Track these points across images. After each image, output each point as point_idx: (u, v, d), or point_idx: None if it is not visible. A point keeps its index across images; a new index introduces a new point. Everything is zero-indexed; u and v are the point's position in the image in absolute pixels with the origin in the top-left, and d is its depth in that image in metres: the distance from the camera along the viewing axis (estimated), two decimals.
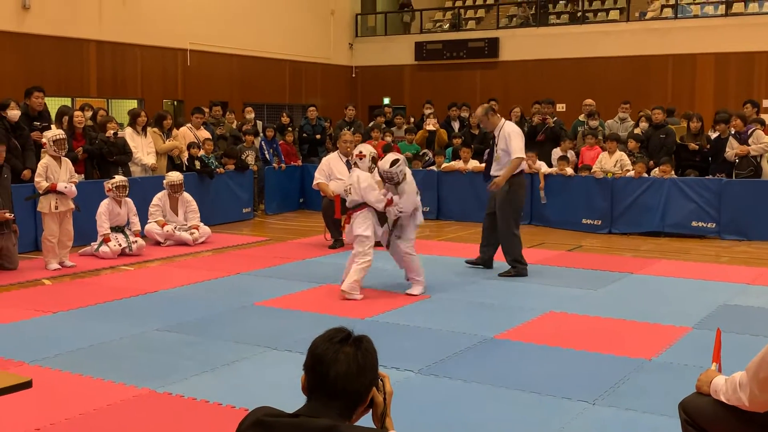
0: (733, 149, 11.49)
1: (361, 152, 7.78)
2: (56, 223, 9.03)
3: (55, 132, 9.28)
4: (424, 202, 9.58)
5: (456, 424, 4.47)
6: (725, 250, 10.53)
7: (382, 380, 2.46)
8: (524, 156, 8.67)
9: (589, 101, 14.11)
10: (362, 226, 7.55)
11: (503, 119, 8.82)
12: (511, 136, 8.51)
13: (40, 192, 8.98)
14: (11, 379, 3.07)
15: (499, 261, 8.89)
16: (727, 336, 4.07)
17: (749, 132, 11.43)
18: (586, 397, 4.87)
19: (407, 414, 4.32)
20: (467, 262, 9.12)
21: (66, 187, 9.01)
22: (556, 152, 12.81)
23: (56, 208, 9.01)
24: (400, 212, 7.63)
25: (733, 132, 11.61)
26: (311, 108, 15.54)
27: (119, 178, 10.03)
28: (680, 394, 3.26)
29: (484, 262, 9.02)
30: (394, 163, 7.47)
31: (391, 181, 7.54)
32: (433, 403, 4.82)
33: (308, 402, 2.33)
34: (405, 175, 7.59)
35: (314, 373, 2.33)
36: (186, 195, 10.98)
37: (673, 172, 11.82)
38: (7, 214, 8.62)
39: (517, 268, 8.67)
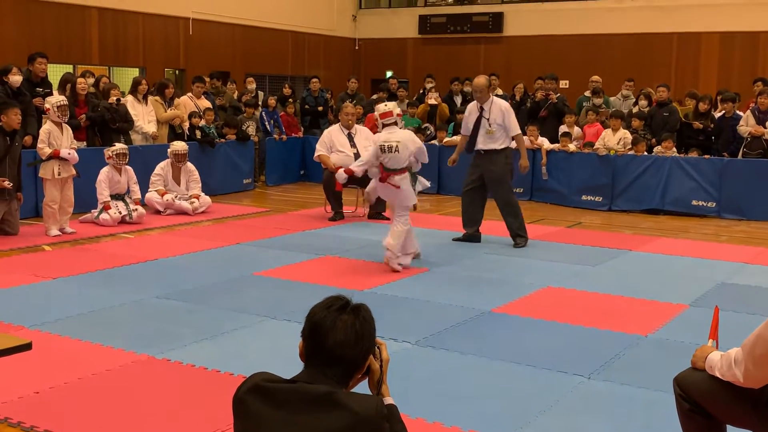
0: (748, 126, 11.43)
1: (399, 112, 7.82)
2: (58, 189, 9.04)
3: (58, 98, 9.27)
4: (425, 177, 9.58)
5: (452, 395, 4.51)
6: (724, 229, 10.55)
7: (378, 347, 2.48)
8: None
9: (595, 78, 14.08)
10: (412, 193, 7.64)
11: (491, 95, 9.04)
12: (507, 113, 8.80)
13: (43, 158, 8.98)
14: (12, 341, 3.09)
15: (487, 234, 8.99)
16: (724, 314, 4.08)
17: None
18: (581, 371, 4.91)
19: (404, 384, 4.35)
20: (454, 239, 9.11)
21: (69, 154, 9.01)
22: (563, 129, 12.77)
23: (59, 174, 9.02)
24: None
25: (754, 107, 11.53)
26: (314, 80, 15.46)
27: (119, 146, 10.03)
28: (675, 370, 3.28)
29: (472, 237, 9.06)
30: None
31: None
32: (430, 375, 4.85)
33: (306, 368, 2.36)
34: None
35: (312, 340, 2.35)
36: (189, 165, 10.97)
37: (675, 149, 11.80)
38: (6, 183, 8.60)
39: (524, 238, 8.89)
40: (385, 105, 7.82)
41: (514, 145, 8.94)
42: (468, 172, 9.10)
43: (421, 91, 15.92)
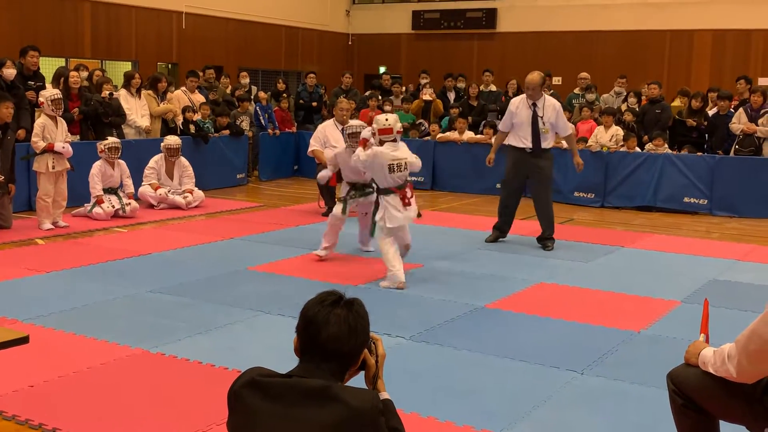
0: (740, 123, 11.47)
1: (400, 128, 7.04)
2: (51, 182, 9.03)
3: (52, 91, 9.25)
4: (419, 172, 9.57)
5: (446, 390, 4.53)
6: (716, 226, 10.59)
7: (374, 343, 2.49)
8: None
9: (584, 74, 14.11)
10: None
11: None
12: (560, 113, 8.64)
13: (37, 151, 8.96)
14: (9, 334, 3.09)
15: (485, 231, 8.98)
16: (715, 310, 4.11)
17: (761, 112, 11.38)
18: (574, 366, 4.93)
19: (398, 379, 4.35)
20: (488, 240, 8.89)
21: (63, 147, 8.99)
22: None
23: (53, 167, 9.00)
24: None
25: (745, 104, 11.57)
26: (311, 75, 15.44)
27: (112, 140, 10.01)
28: (668, 366, 3.30)
29: (503, 234, 8.98)
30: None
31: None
32: (423, 370, 4.87)
33: (300, 363, 2.36)
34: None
35: (306, 335, 2.36)
36: (183, 159, 10.96)
37: (666, 147, 11.84)
38: None
39: (553, 240, 8.72)
40: (386, 120, 6.94)
41: None
42: (511, 173, 8.76)
43: (414, 87, 15.92)
